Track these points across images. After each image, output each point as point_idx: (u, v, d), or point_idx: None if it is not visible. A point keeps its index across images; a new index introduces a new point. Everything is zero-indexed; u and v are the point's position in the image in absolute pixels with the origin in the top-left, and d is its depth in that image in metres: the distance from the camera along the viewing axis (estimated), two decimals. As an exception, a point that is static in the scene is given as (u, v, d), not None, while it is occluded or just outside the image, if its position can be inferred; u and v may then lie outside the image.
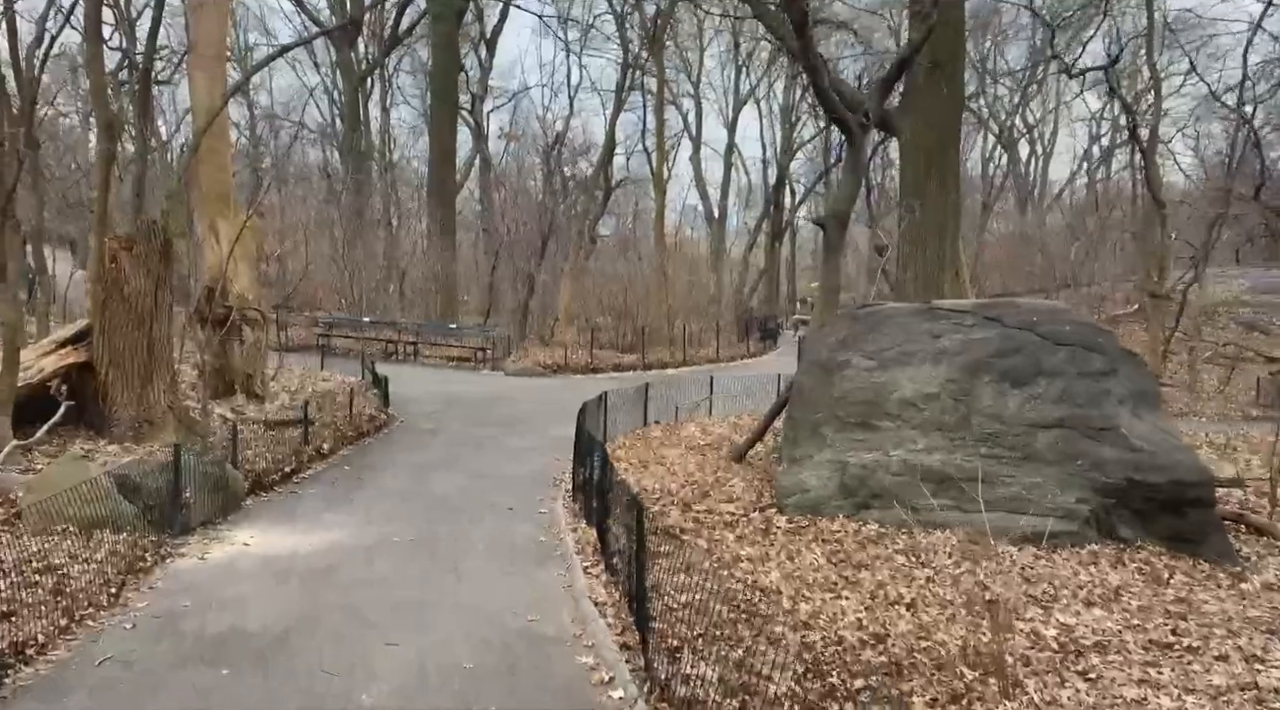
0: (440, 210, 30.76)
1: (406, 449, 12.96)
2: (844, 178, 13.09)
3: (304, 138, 48.40)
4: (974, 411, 8.09)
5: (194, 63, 14.00)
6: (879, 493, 8.04)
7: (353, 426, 13.41)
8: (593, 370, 21.80)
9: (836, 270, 13.26)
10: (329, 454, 12.28)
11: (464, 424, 15.06)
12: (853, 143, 12.60)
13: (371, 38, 42.90)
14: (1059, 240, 35.00)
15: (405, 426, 14.78)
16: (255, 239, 15.14)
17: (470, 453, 12.76)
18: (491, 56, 45.20)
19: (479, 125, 44.46)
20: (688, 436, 12.99)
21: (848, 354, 8.93)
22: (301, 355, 20.33)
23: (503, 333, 24.24)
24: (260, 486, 10.24)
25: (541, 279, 27.86)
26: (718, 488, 9.46)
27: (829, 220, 12.98)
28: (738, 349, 25.62)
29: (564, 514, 9.38)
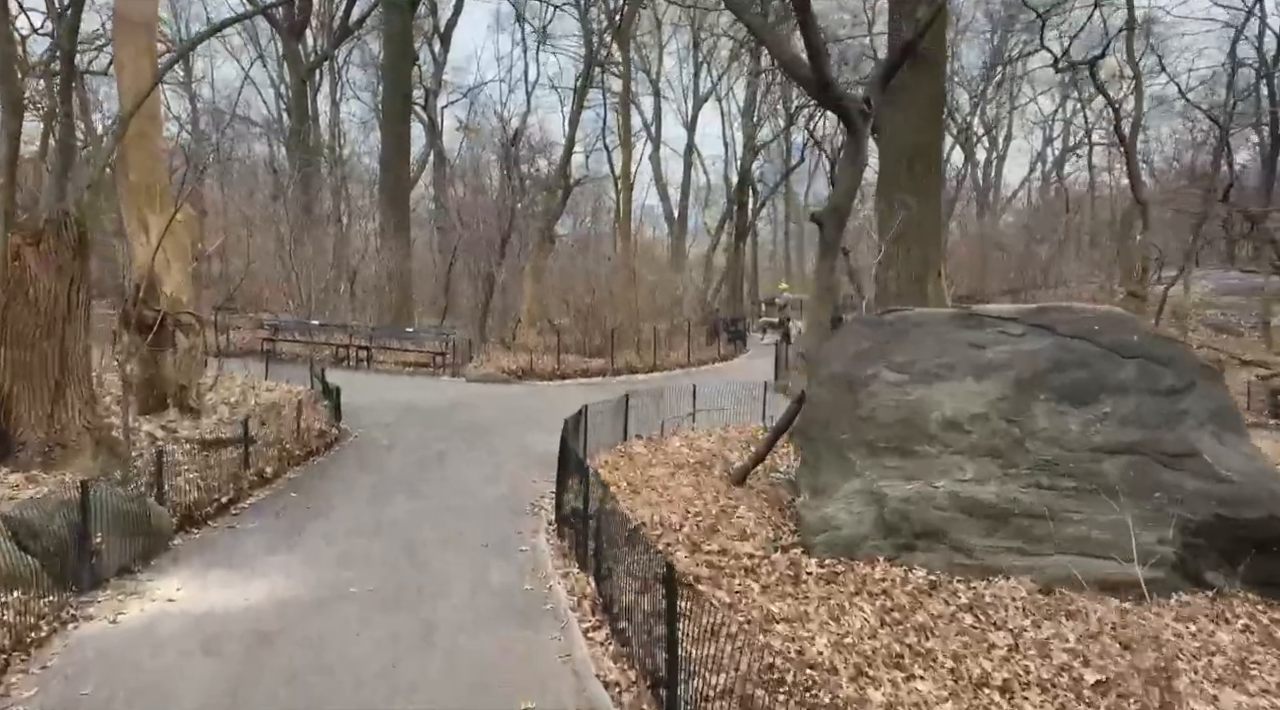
0: (394, 206, 29.13)
1: (362, 469, 11.49)
2: (843, 171, 11.92)
3: (249, 133, 46.39)
4: (1028, 434, 6.91)
5: (118, 32, 12.37)
6: (925, 531, 6.82)
7: (300, 444, 11.90)
8: (560, 376, 20.40)
9: (833, 270, 12.10)
10: (273, 478, 10.76)
11: (425, 438, 13.60)
12: (854, 132, 11.43)
13: (320, 28, 40.95)
14: (1018, 241, 34.42)
15: (360, 442, 13.28)
16: (189, 234, 13.52)
17: (434, 473, 11.33)
18: (446, 50, 43.56)
19: (433, 121, 42.77)
20: (674, 453, 11.70)
21: (873, 366, 7.71)
22: (244, 362, 18.63)
23: (463, 336, 22.72)
24: (191, 522, 8.73)
25: (501, 279, 26.37)
26: (725, 519, 8.17)
27: (827, 216, 11.81)
28: (707, 352, 24.40)
29: (549, 552, 8.03)
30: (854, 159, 11.68)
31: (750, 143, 35.39)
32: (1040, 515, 6.63)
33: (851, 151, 11.63)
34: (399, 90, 30.94)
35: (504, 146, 29.70)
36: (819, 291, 11.94)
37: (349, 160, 45.09)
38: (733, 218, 36.50)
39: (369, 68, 47.86)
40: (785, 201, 50.68)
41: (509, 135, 31.45)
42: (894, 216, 15.69)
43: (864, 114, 11.36)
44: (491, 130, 35.61)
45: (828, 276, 11.92)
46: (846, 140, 11.59)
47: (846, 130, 11.48)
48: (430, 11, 43.09)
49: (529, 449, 12.97)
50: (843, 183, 11.88)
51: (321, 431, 12.76)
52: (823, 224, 11.76)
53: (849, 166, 11.72)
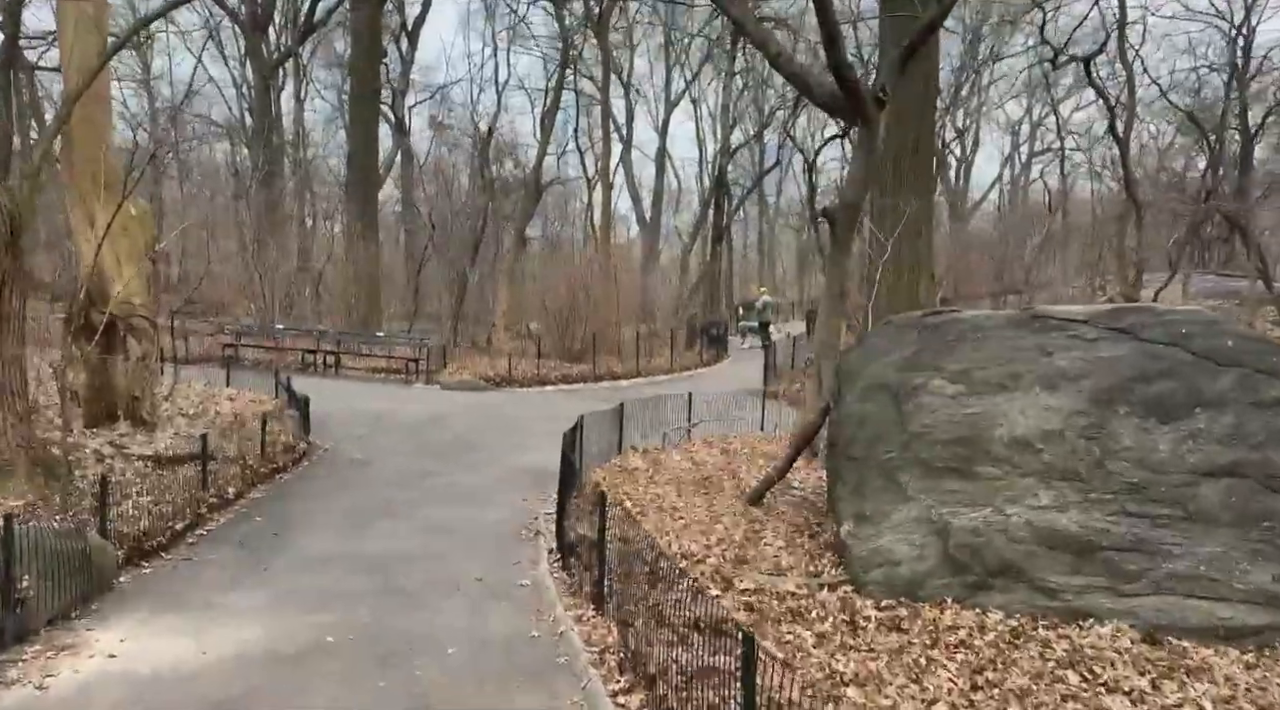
0: (361, 206, 27.77)
1: (334, 489, 10.32)
2: (855, 163, 10.97)
3: (211, 133, 44.71)
4: (1110, 454, 5.97)
5: (61, 2, 11.10)
6: (1000, 568, 5.85)
7: (266, 461, 10.70)
8: (540, 382, 19.29)
9: (844, 271, 11.12)
10: (235, 499, 9.58)
11: (402, 452, 12.45)
12: (867, 121, 10.46)
13: (285, 25, 39.47)
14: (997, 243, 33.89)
15: (331, 457, 12.09)
16: (144, 232, 12.26)
17: (414, 492, 10.19)
18: (414, 49, 42.18)
19: (400, 120, 41.41)
20: (676, 468, 10.67)
21: (922, 375, 6.74)
22: (204, 369, 17.31)
23: (437, 341, 21.51)
24: (141, 553, 7.54)
25: (474, 281, 25.18)
26: (752, 548, 7.16)
27: (838, 212, 10.83)
28: (689, 357, 23.39)
29: (555, 589, 6.96)
30: (868, 150, 10.70)
31: (726, 144, 34.49)
32: (1132, 548, 5.70)
33: (865, 143, 10.66)
34: (367, 85, 29.61)
35: (477, 145, 28.47)
36: (830, 295, 10.96)
37: (314, 160, 43.67)
38: (707, 221, 35.60)
39: (334, 67, 46.42)
40: (759, 205, 49.89)
41: (481, 134, 30.22)
42: (897, 215, 14.80)
43: (879, 101, 10.42)
44: (462, 131, 34.37)
45: (839, 278, 10.94)
46: (860, 131, 10.63)
47: (860, 120, 10.51)
48: (398, 9, 41.79)
49: (516, 463, 11.90)
50: (855, 176, 10.91)
51: (288, 446, 11.56)
52: (834, 220, 10.79)
53: (863, 157, 10.76)
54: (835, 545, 6.96)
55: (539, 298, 24.43)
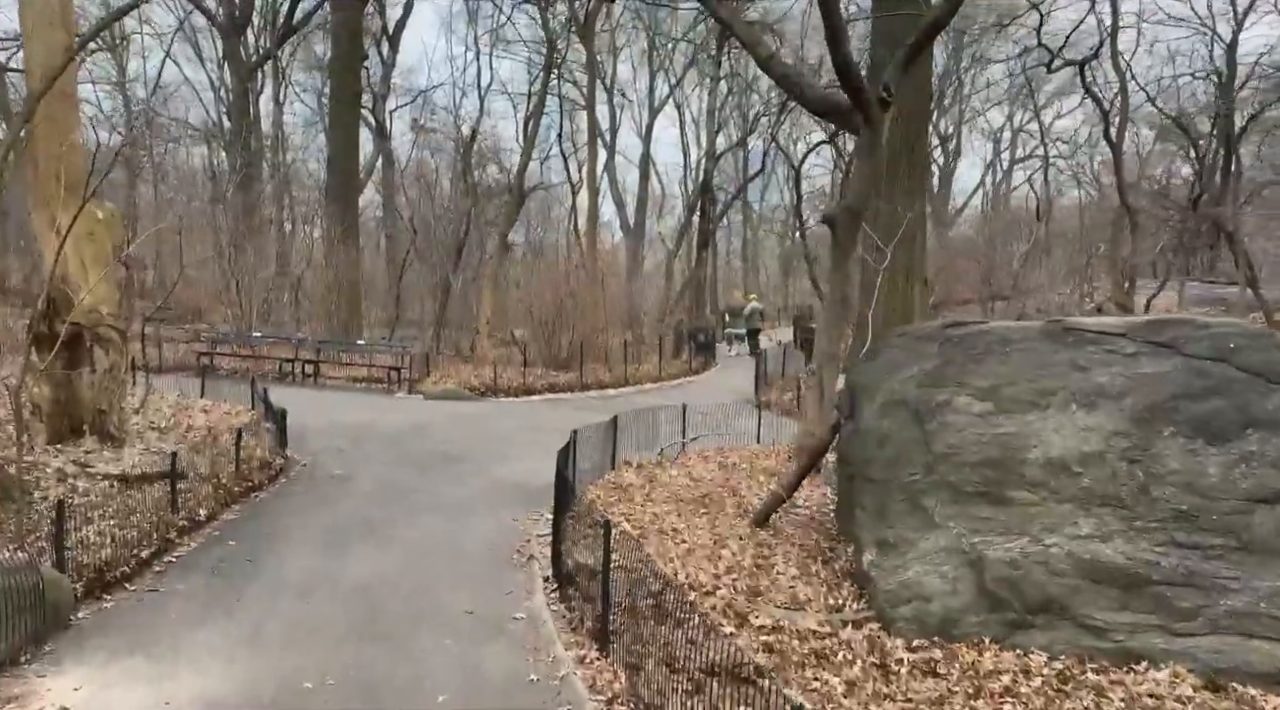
0: (342, 210, 27.09)
1: (313, 507, 9.71)
2: (858, 165, 10.50)
3: (187, 137, 43.84)
4: (1156, 479, 5.51)
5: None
6: (1042, 604, 5.37)
7: (240, 478, 10.08)
8: (526, 391, 18.71)
9: (847, 277, 10.66)
10: (208, 521, 8.95)
11: (384, 467, 11.84)
12: (871, 122, 10.01)
13: (264, 27, 38.69)
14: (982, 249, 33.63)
15: (310, 473, 11.46)
16: (112, 236, 11.60)
17: (398, 511, 9.60)
18: (395, 52, 41.55)
19: (381, 124, 40.74)
20: (673, 484, 10.14)
21: (945, 391, 6.26)
22: (178, 378, 16.64)
23: (419, 349, 20.88)
24: (103, 586, 6.93)
25: (458, 288, 24.56)
26: (764, 577, 6.64)
27: (840, 216, 10.36)
28: (677, 365, 22.87)
29: (553, 624, 6.41)
30: (871, 153, 10.25)
31: (711, 149, 34.05)
32: (1184, 582, 5.23)
33: (868, 145, 10.20)
34: (348, 87, 28.96)
35: (460, 149, 27.86)
36: (831, 302, 10.48)
37: (293, 164, 42.92)
38: (693, 226, 35.12)
39: (314, 70, 45.69)
40: (743, 212, 49.51)
41: (464, 138, 29.62)
42: (896, 220, 14.37)
43: (884, 102, 9.97)
44: (445, 135, 33.71)
45: (842, 285, 10.46)
46: (863, 133, 10.17)
47: (864, 121, 10.06)
48: (378, 12, 41.13)
49: (504, 479, 11.33)
50: (858, 180, 10.45)
51: (265, 461, 10.94)
52: (835, 225, 10.32)
53: (866, 159, 10.30)
54: (856, 575, 6.46)
55: (523, 304, 23.85)
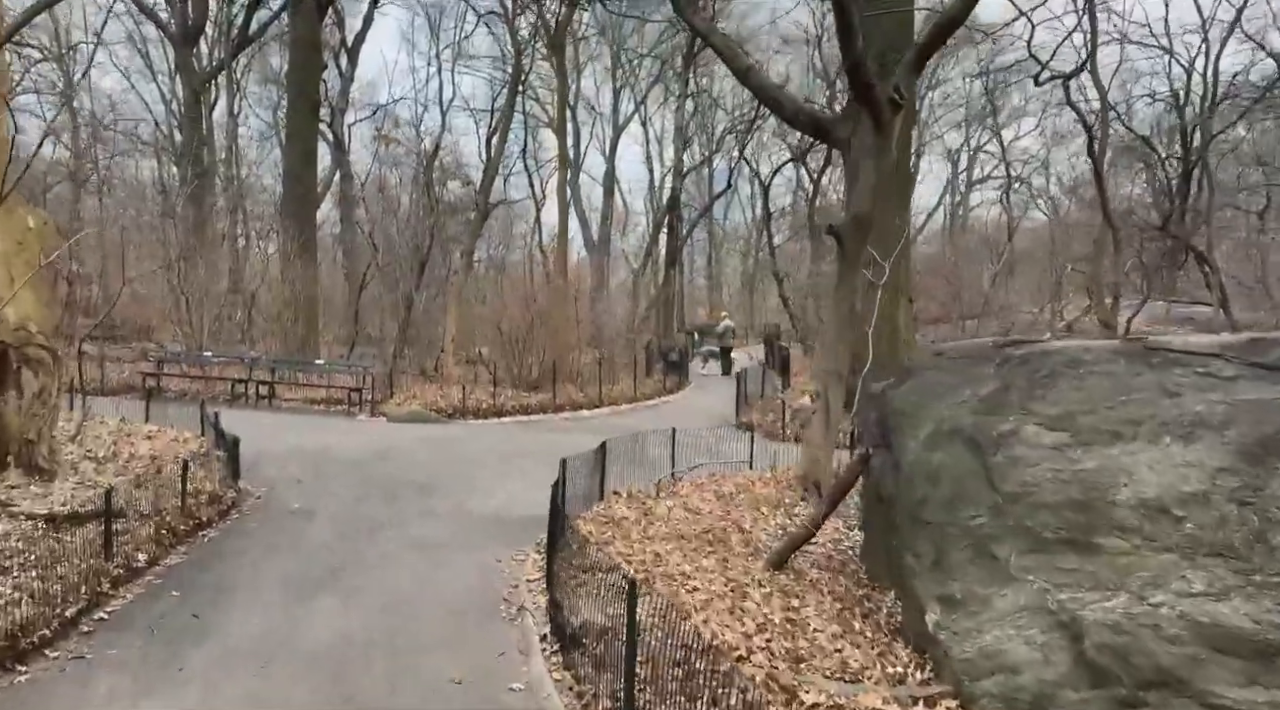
0: (299, 224, 25.80)
1: (269, 549, 8.59)
2: (865, 172, 9.70)
3: (137, 150, 42.09)
4: (1274, 525, 4.67)
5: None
6: (1157, 678, 4.49)
7: (186, 515, 8.93)
8: (496, 413, 17.64)
9: (854, 291, 9.86)
10: (149, 566, 7.81)
11: (347, 499, 10.73)
12: (881, 126, 9.26)
13: (218, 38, 37.26)
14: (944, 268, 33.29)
15: (264, 506, 10.31)
16: (44, 247, 10.39)
17: (366, 552, 8.52)
18: (353, 66, 40.38)
19: (339, 138, 39.46)
20: (670, 518, 9.17)
21: (1009, 420, 5.40)
22: (121, 402, 15.31)
23: (382, 369, 19.71)
24: (16, 655, 5.79)
25: (421, 305, 23.39)
26: (801, 634, 5.71)
27: (846, 227, 9.59)
28: (650, 385, 21.95)
29: (559, 699, 5.40)
30: (880, 159, 9.48)
31: (679, 166, 33.34)
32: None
33: (876, 150, 9.44)
34: (306, 98, 27.70)
35: (422, 163, 26.78)
36: (837, 317, 9.66)
37: (248, 178, 41.43)
38: (658, 244, 34.36)
39: (270, 83, 44.33)
40: (707, 229, 48.91)
41: (427, 152, 28.54)
42: (897, 232, 13.65)
43: (895, 104, 9.21)
44: (408, 148, 32.60)
45: (848, 299, 9.66)
46: (872, 137, 9.40)
47: (873, 125, 9.29)
48: (337, 24, 39.96)
49: (481, 511, 10.30)
50: (864, 188, 9.66)
51: (214, 495, 9.77)
52: (842, 237, 9.53)
53: (874, 168, 9.52)
54: (914, 635, 5.55)
55: (489, 322, 22.80)
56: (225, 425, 12.10)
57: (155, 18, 35.92)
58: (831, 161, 36.07)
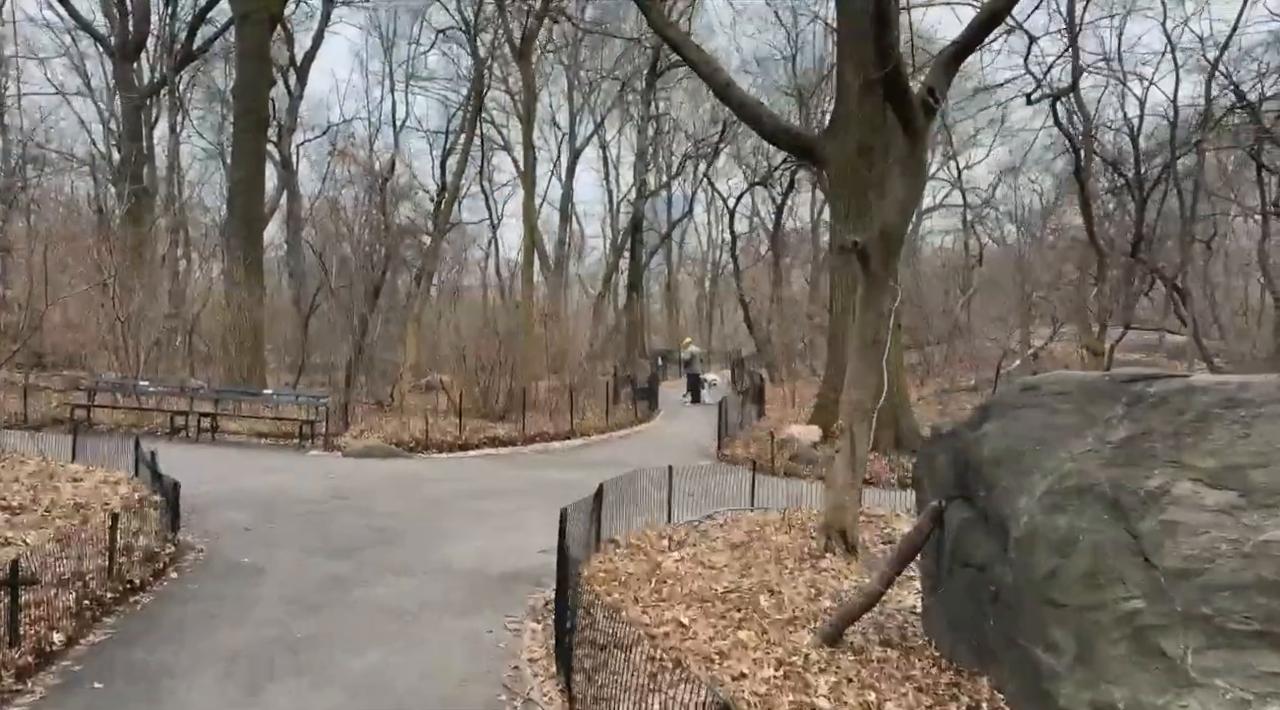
0: (245, 245, 24.16)
1: (212, 619, 7.16)
2: (896, 183, 8.65)
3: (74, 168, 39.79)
4: None
5: None
6: None
7: (114, 580, 7.45)
8: (461, 447, 16.25)
9: (882, 316, 8.79)
10: (67, 647, 6.35)
11: (303, 551, 9.30)
12: (913, 132, 8.24)
13: (161, 53, 35.37)
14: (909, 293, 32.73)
15: (207, 563, 8.84)
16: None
17: (329, 622, 7.13)
18: (303, 85, 38.77)
19: (286, 158, 37.74)
20: (681, 573, 7.94)
21: (1155, 474, 4.32)
22: (44, 437, 13.61)
23: (335, 399, 18.18)
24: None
25: (376, 332, 21.91)
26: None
27: (873, 244, 8.52)
28: (623, 415, 20.73)
29: None
30: (914, 168, 8.46)
31: (642, 188, 32.35)
32: None
33: (910, 157, 8.41)
34: (252, 113, 26.11)
35: (379, 182, 25.35)
36: (862, 344, 8.57)
37: (190, 199, 39.44)
38: (619, 268, 33.25)
39: (215, 103, 42.42)
40: (665, 254, 47.98)
41: (382, 171, 27.11)
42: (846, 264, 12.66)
43: (929, 107, 8.20)
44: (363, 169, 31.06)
45: (875, 324, 8.58)
46: (903, 144, 8.39)
47: (904, 130, 8.27)
48: (286, 43, 38.38)
49: (457, 565, 8.95)
50: (894, 199, 8.61)
51: (150, 552, 8.29)
52: (867, 254, 8.45)
53: (905, 177, 8.49)
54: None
55: (449, 348, 21.39)
56: (164, 463, 10.60)
57: (93, 31, 34.02)
58: (795, 187, 35.63)
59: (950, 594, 5.61)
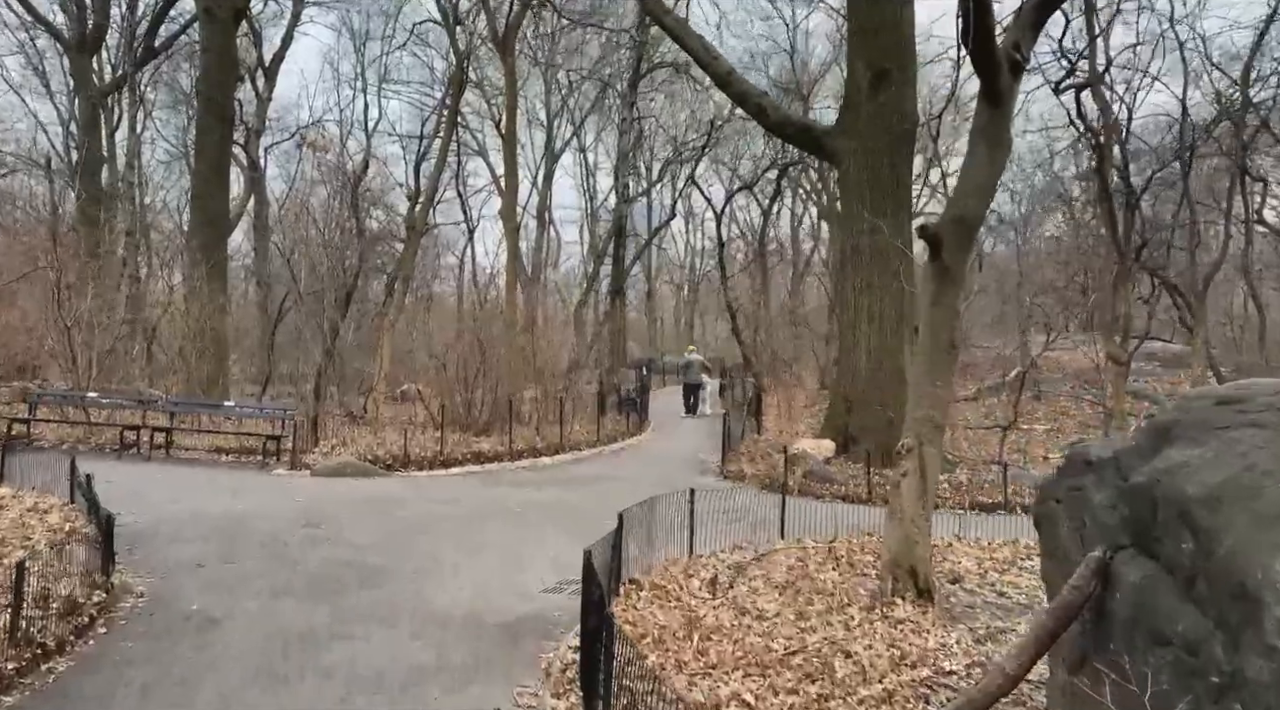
0: (208, 247, 22.40)
1: (150, 689, 5.57)
2: (976, 159, 7.24)
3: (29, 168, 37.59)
4: None
5: None
6: None
7: (22, 644, 5.83)
8: (443, 464, 14.65)
9: (955, 314, 7.41)
10: (-58, 745, 4.75)
11: (268, 594, 7.70)
12: (996, 100, 6.88)
13: (124, 50, 33.40)
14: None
15: (149, 612, 7.20)
16: None
17: (302, 698, 5.58)
18: (271, 86, 36.93)
19: (254, 161, 35.88)
20: (722, 623, 6.46)
21: None
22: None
23: (302, 410, 16.48)
24: None
25: (349, 340, 20.20)
26: None
27: (947, 229, 7.12)
28: (614, 427, 19.21)
29: None
30: (995, 136, 7.05)
31: (625, 192, 30.92)
32: None
33: (991, 125, 7.03)
34: (216, 110, 24.40)
35: (351, 182, 23.66)
36: (933, 350, 7.16)
37: (151, 203, 37.39)
38: (600, 274, 31.78)
39: (180, 105, 40.38)
40: (644, 261, 46.57)
41: (355, 171, 25.42)
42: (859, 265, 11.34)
43: (1016, 65, 6.84)
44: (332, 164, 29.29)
45: (947, 328, 7.17)
46: (984, 115, 7.00)
47: (985, 95, 6.91)
48: (255, 43, 36.58)
49: (452, 610, 7.40)
50: (972, 177, 7.20)
51: (73, 602, 6.66)
52: (939, 242, 7.04)
53: (986, 148, 7.09)
54: None
55: (426, 355, 19.74)
56: (111, 485, 8.99)
57: (48, 25, 32.03)
58: (781, 192, 34.44)
59: (1118, 674, 4.18)
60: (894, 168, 14.97)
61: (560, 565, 8.60)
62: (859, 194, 14.97)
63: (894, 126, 14.84)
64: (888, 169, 14.84)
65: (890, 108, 14.89)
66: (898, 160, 15.12)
